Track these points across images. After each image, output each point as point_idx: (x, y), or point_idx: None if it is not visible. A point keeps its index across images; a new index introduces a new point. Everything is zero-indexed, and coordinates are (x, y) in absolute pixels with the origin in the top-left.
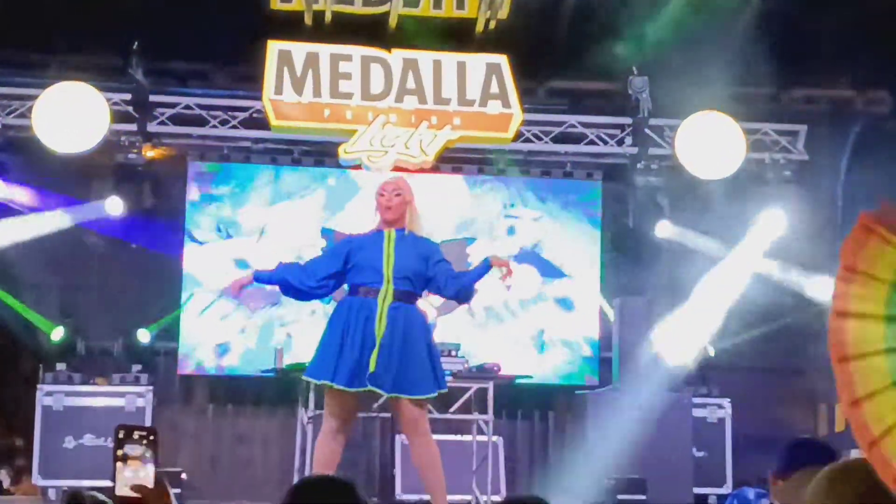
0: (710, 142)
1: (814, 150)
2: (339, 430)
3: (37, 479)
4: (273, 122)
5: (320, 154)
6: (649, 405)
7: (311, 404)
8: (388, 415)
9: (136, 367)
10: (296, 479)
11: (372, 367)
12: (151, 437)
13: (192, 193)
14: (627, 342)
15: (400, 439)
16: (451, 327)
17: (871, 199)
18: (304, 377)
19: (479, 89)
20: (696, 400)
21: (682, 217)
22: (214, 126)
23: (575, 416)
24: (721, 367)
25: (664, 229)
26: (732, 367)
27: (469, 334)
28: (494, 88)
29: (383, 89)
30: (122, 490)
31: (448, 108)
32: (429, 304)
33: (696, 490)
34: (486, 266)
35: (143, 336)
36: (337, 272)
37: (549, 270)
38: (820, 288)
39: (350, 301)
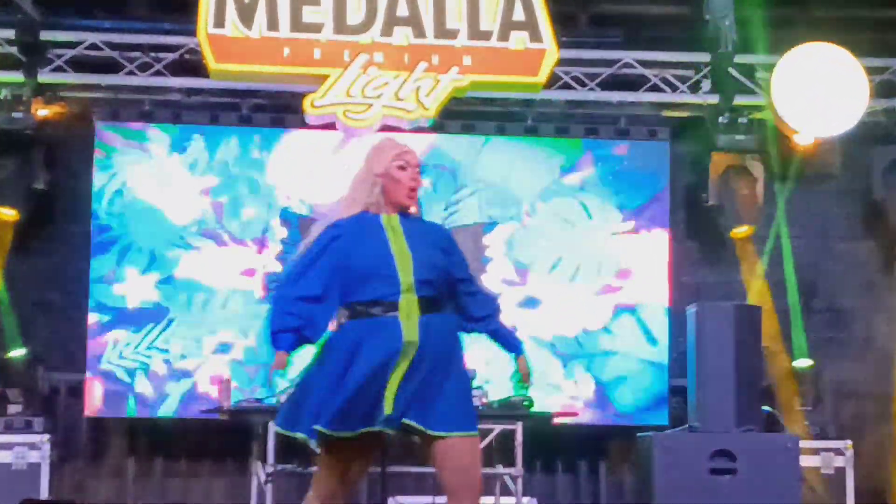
0: (819, 86)
1: None
2: (338, 496)
3: None
4: (212, 65)
5: (278, 109)
6: (740, 451)
7: (271, 455)
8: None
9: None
10: None
11: (388, 409)
12: None
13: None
14: (709, 364)
15: None
16: None
17: None
18: (278, 429)
19: (497, 16)
20: (806, 444)
21: (785, 190)
22: (131, 73)
23: (636, 467)
24: (842, 393)
25: (740, 231)
26: (858, 395)
27: (482, 356)
28: (519, 14)
29: (364, 18)
30: None
31: (454, 44)
32: None
33: None
34: (517, 348)
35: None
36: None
37: (600, 265)
38: None
39: (354, 328)
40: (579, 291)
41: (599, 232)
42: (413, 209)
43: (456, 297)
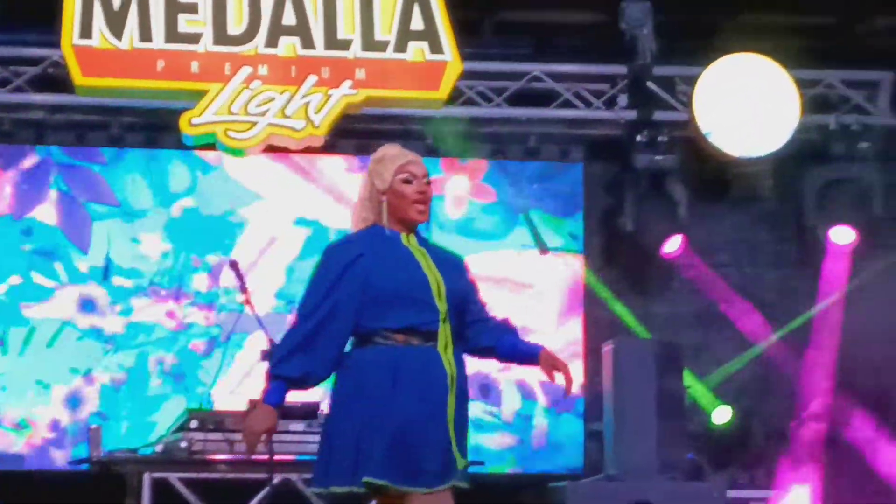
0: (746, 100)
1: None
2: None
3: None
4: (79, 79)
5: (152, 128)
6: (661, 501)
7: None
8: None
9: None
10: None
11: (460, 462)
12: None
13: None
14: (627, 406)
15: None
16: None
17: None
18: (319, 490)
19: (393, 25)
20: (734, 493)
21: (708, 213)
22: None
23: None
24: (774, 437)
25: (675, 245)
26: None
27: None
28: (417, 23)
29: (247, 28)
30: None
31: (347, 55)
32: None
33: None
34: (533, 355)
35: None
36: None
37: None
38: None
39: (383, 359)
40: None
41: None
42: (422, 222)
43: (464, 325)
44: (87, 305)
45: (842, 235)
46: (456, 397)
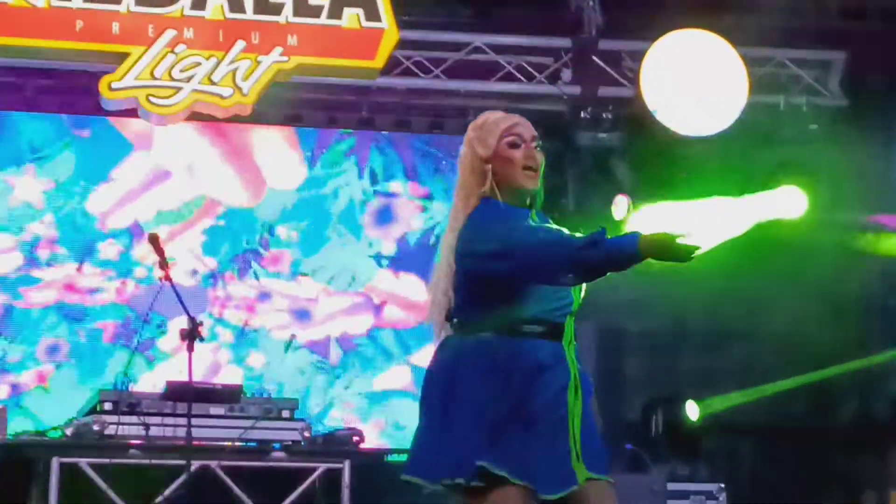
0: (693, 77)
1: (857, 90)
2: None
3: None
4: None
5: (69, 92)
6: None
7: (54, 498)
8: None
9: None
10: None
11: (582, 473)
12: None
13: None
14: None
15: None
16: (286, 369)
17: None
18: (422, 482)
19: None
20: (675, 486)
21: (651, 195)
22: None
23: None
24: (714, 431)
25: (622, 209)
26: (729, 432)
27: (305, 380)
28: None
29: None
30: None
31: (278, 20)
32: None
33: None
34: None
35: None
36: None
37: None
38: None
39: (519, 348)
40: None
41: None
42: (532, 189)
43: None
44: None
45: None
46: (583, 399)
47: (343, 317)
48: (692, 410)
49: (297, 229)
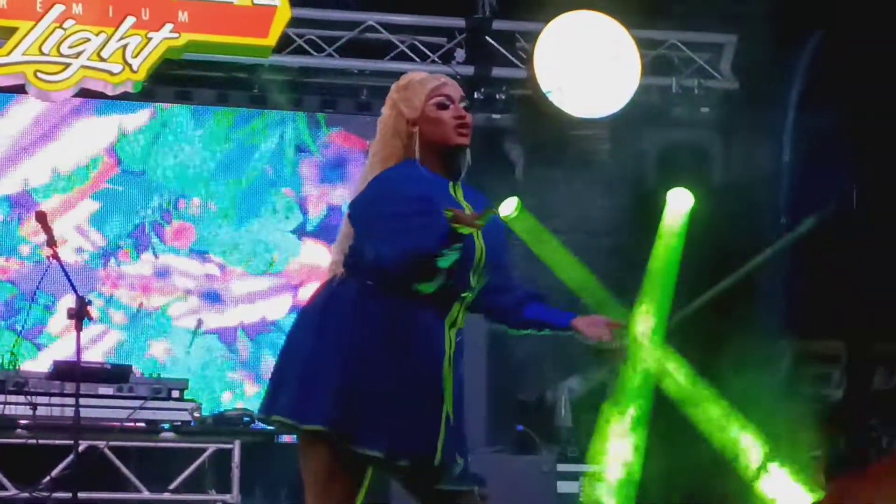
0: (586, 59)
1: (747, 72)
2: None
3: None
4: None
5: None
6: (489, 474)
7: None
8: None
9: None
10: None
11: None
12: None
13: None
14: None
15: None
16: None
17: (832, 150)
18: (281, 419)
19: None
20: (565, 467)
21: (545, 176)
22: None
23: (375, 491)
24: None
25: (511, 207)
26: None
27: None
28: None
29: None
30: None
31: None
32: None
33: None
34: (567, 317)
35: None
36: None
37: None
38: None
39: (397, 304)
40: None
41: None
42: (464, 145)
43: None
44: None
45: (681, 199)
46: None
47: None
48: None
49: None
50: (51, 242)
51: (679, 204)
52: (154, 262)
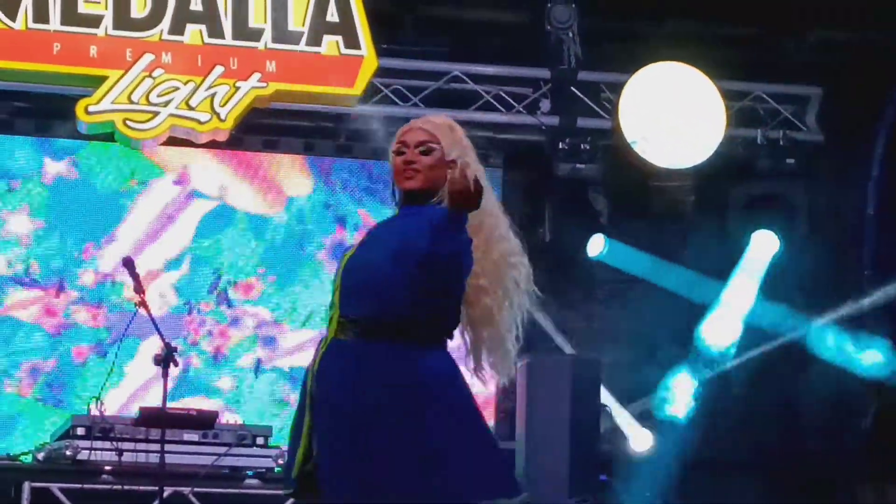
0: (671, 110)
1: (833, 125)
2: None
3: None
4: None
5: (45, 115)
6: None
7: None
8: None
9: None
10: None
11: (295, 470)
12: None
13: None
14: (539, 425)
15: None
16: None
17: None
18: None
19: (307, 16)
20: None
21: (629, 227)
22: None
23: None
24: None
25: (599, 245)
26: (718, 465)
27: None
28: (333, 15)
29: (151, 12)
30: None
31: (257, 46)
32: None
33: None
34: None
35: None
36: None
37: None
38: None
39: None
40: None
41: None
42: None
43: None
44: None
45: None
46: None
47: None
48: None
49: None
50: (138, 289)
51: (763, 246)
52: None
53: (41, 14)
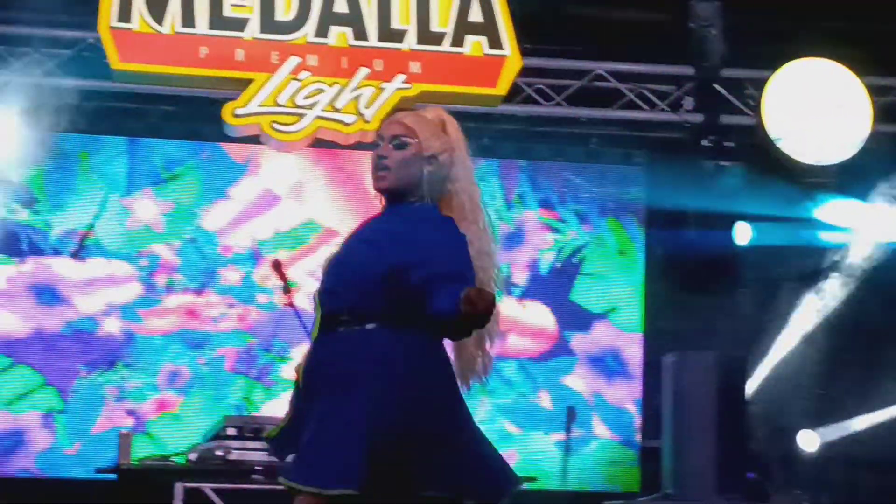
0: (817, 107)
1: None
2: None
3: None
4: (115, 64)
5: (193, 118)
6: None
7: None
8: None
9: None
10: None
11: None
12: None
13: None
14: (686, 423)
15: None
16: None
17: None
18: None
19: (451, 17)
20: None
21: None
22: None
23: None
24: (838, 461)
25: (746, 233)
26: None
27: None
28: (476, 15)
29: (296, 15)
30: None
31: (401, 47)
32: None
33: None
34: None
35: None
36: None
37: (571, 311)
38: None
39: None
40: None
41: None
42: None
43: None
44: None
45: None
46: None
47: None
48: (808, 440)
49: None
50: (286, 290)
51: None
52: None
53: (188, 18)
